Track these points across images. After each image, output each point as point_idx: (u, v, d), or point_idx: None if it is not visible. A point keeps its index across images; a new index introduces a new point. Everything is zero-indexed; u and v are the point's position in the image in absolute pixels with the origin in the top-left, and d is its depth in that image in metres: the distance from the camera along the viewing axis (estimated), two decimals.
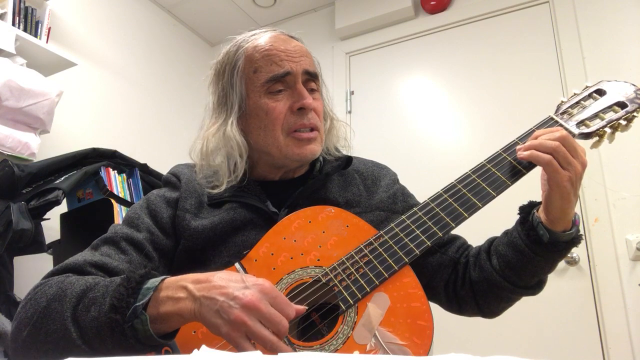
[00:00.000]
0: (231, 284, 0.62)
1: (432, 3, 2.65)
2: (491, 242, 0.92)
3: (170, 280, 0.65)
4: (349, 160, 1.02)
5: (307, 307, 0.67)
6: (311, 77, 0.94)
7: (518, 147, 0.82)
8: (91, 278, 0.72)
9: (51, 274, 0.77)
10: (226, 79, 0.95)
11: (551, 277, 2.12)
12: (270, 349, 0.59)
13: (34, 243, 1.75)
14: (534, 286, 0.88)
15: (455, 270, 0.95)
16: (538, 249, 0.82)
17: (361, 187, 0.99)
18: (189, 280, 0.64)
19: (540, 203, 0.84)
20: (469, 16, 2.57)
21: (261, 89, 0.91)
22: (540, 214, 0.83)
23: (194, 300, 0.61)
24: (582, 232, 1.99)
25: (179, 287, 0.63)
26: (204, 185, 0.95)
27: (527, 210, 0.86)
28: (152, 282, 0.65)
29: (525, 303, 0.91)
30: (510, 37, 2.44)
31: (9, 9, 2.01)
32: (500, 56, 2.44)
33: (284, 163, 0.95)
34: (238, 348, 0.58)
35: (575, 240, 0.83)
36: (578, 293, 1.97)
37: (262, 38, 0.95)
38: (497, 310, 0.94)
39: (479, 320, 1.01)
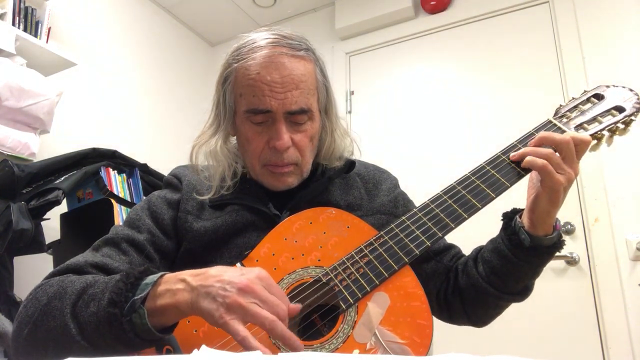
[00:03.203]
0: (228, 272, 0.62)
1: (432, 3, 2.65)
2: (479, 250, 0.93)
3: (169, 275, 0.66)
4: (351, 164, 1.02)
5: (301, 305, 0.67)
6: (296, 113, 0.88)
7: (512, 153, 0.83)
8: (91, 276, 0.73)
9: (52, 275, 0.77)
10: (221, 89, 0.94)
11: (551, 277, 2.13)
12: (269, 328, 0.58)
13: (34, 243, 1.75)
14: (520, 292, 0.88)
15: (447, 278, 0.96)
16: (520, 254, 0.82)
17: (362, 190, 1.00)
18: (188, 273, 0.64)
19: (523, 210, 0.85)
20: (469, 16, 2.57)
21: (243, 115, 0.90)
22: (523, 218, 0.84)
23: (191, 290, 0.62)
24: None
25: (178, 280, 0.64)
26: (204, 187, 0.96)
27: (509, 216, 0.87)
28: (151, 277, 0.66)
29: (525, 303, 0.91)
30: (510, 37, 2.44)
31: (9, 9, 2.01)
32: (500, 56, 2.44)
33: None
34: (231, 331, 0.57)
35: (557, 245, 0.83)
36: (578, 293, 1.97)
37: (255, 59, 0.87)
38: (485, 318, 0.95)
39: None
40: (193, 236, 0.88)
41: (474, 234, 1.05)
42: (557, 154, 0.78)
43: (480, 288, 0.88)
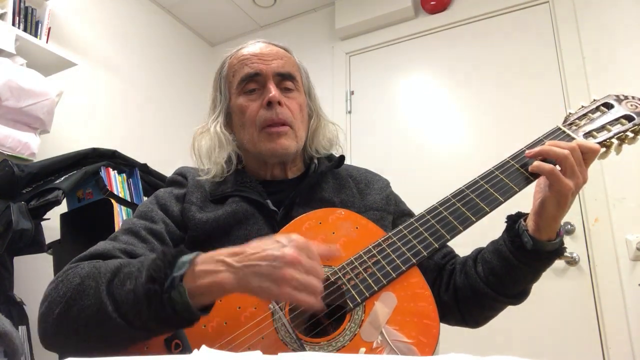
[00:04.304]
0: (268, 246, 0.64)
1: (432, 3, 2.65)
2: (479, 251, 0.94)
3: (204, 256, 0.67)
4: (341, 159, 1.06)
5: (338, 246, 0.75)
6: (284, 78, 1.00)
7: (527, 151, 0.83)
8: (124, 259, 0.74)
9: (79, 259, 0.78)
10: (216, 85, 1.06)
11: (551, 277, 2.13)
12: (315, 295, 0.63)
13: (34, 243, 1.75)
14: (517, 295, 0.89)
15: (440, 276, 0.98)
16: (521, 257, 0.83)
17: (354, 190, 1.03)
18: (225, 254, 0.66)
19: (527, 214, 0.86)
20: (469, 16, 2.58)
21: (237, 90, 1.00)
22: (528, 222, 0.84)
23: (234, 271, 0.63)
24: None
25: (216, 262, 0.65)
26: (202, 179, 1.00)
27: (514, 219, 0.88)
28: (187, 256, 0.67)
29: (525, 303, 0.91)
30: (510, 37, 2.45)
31: (9, 9, 2.01)
32: (500, 56, 2.45)
33: (262, 159, 1.00)
34: (296, 301, 0.61)
35: (558, 251, 0.84)
36: (578, 293, 1.98)
37: (245, 47, 1.04)
38: (480, 319, 0.95)
39: None
40: (196, 224, 0.91)
41: (475, 237, 1.05)
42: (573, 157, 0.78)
43: (477, 288, 0.89)
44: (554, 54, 2.30)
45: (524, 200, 0.87)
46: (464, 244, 1.00)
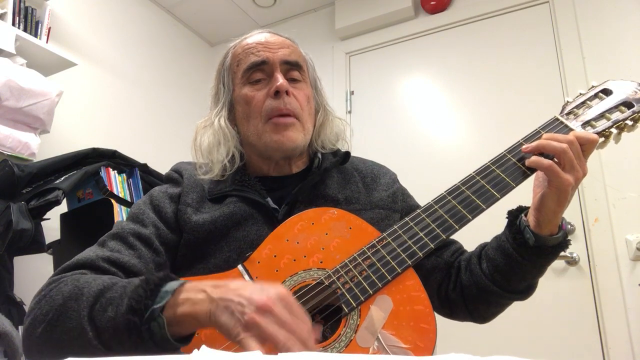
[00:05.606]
0: (249, 287, 0.60)
1: (432, 3, 2.65)
2: (483, 247, 0.93)
3: (190, 284, 0.64)
4: (347, 155, 1.02)
5: (321, 328, 0.67)
6: (292, 67, 0.96)
7: (524, 146, 0.81)
8: (108, 278, 0.72)
9: (63, 270, 0.76)
10: (218, 76, 1.02)
11: (551, 277, 2.13)
12: (284, 351, 0.55)
13: (34, 243, 1.75)
14: (523, 291, 0.88)
15: (449, 273, 0.96)
16: (525, 253, 0.82)
17: (360, 184, 0.99)
18: (208, 284, 0.63)
19: (528, 208, 0.84)
20: (469, 16, 2.57)
21: (242, 80, 0.96)
22: (529, 217, 0.82)
23: (210, 301, 0.60)
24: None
25: (199, 290, 0.62)
26: (204, 179, 0.97)
27: (515, 214, 0.86)
28: (171, 285, 0.64)
29: (525, 303, 0.91)
30: (510, 37, 2.44)
31: (9, 9, 2.01)
32: (500, 56, 2.44)
33: (266, 153, 0.96)
34: (246, 349, 0.55)
35: (562, 245, 0.82)
36: (578, 293, 1.97)
37: (250, 38, 1.00)
38: (487, 315, 0.94)
39: None
40: (191, 227, 0.88)
41: (476, 230, 1.05)
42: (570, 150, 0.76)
43: (483, 286, 0.87)
44: (554, 54, 2.29)
45: (525, 197, 0.86)
46: (466, 238, 1.00)
